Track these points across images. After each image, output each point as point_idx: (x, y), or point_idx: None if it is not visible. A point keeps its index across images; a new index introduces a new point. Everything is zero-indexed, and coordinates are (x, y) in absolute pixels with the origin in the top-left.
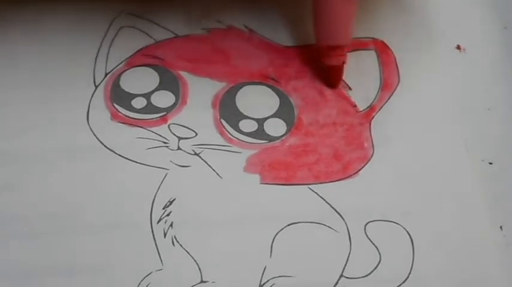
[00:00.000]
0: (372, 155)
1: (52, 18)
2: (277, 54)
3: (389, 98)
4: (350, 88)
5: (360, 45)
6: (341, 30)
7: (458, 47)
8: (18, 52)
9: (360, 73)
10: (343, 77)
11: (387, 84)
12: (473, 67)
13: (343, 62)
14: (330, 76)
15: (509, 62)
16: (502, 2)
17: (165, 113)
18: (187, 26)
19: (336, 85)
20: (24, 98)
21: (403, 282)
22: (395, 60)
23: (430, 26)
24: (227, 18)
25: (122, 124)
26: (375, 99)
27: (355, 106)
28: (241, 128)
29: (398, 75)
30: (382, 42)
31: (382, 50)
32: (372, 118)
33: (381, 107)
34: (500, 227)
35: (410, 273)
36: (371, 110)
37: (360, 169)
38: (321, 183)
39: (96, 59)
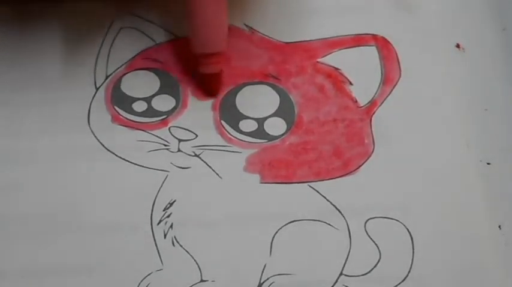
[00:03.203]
0: (373, 151)
1: (52, 17)
2: (277, 51)
3: (390, 93)
4: (351, 83)
5: (360, 41)
6: (215, 37)
7: (457, 46)
8: (18, 53)
9: (360, 68)
10: (345, 74)
11: (388, 78)
12: (472, 67)
13: (221, 70)
14: (208, 85)
15: (507, 64)
16: (502, 3)
17: (165, 116)
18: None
19: (215, 94)
20: (25, 99)
21: (403, 280)
22: (397, 55)
23: (430, 24)
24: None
25: (122, 127)
26: (376, 93)
27: (356, 101)
28: (241, 128)
29: (400, 69)
30: (383, 37)
31: (383, 45)
32: (373, 114)
33: (382, 102)
34: (499, 227)
35: (410, 271)
36: (372, 105)
37: (361, 166)
38: (321, 180)
39: (96, 60)
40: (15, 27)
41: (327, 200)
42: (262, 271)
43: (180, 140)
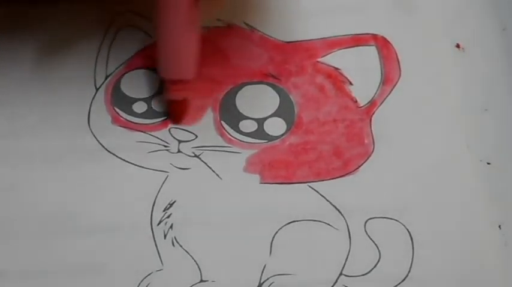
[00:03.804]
0: (373, 152)
1: (51, 17)
2: (277, 50)
3: (390, 93)
4: (351, 83)
5: (360, 41)
6: (182, 64)
7: (457, 46)
8: (17, 53)
9: (360, 68)
10: (346, 74)
11: (388, 78)
12: (472, 67)
13: (185, 98)
14: (172, 111)
15: (507, 64)
16: (502, 3)
17: (165, 117)
18: None
19: (178, 122)
20: (25, 99)
21: (403, 280)
22: (397, 55)
23: (430, 24)
24: (227, 15)
25: (122, 128)
26: (375, 93)
27: (355, 101)
28: (241, 129)
29: (400, 69)
30: (383, 37)
31: (383, 45)
32: (373, 114)
33: (382, 102)
34: (499, 226)
35: (410, 271)
36: (372, 105)
37: (360, 166)
38: (321, 180)
39: (96, 59)
40: (15, 28)
41: (327, 200)
42: (262, 271)
43: (180, 141)
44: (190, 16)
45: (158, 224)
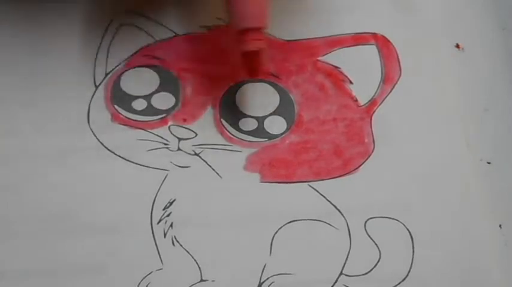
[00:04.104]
0: (373, 151)
1: (51, 15)
2: (278, 49)
3: (390, 92)
4: (351, 82)
5: (360, 39)
6: (256, 11)
7: (457, 46)
8: (17, 51)
9: (360, 67)
10: (346, 73)
11: (388, 77)
12: (472, 67)
13: (261, 48)
14: (248, 64)
15: (507, 64)
16: (502, 3)
17: (165, 115)
18: (186, 23)
19: (255, 74)
20: (24, 98)
21: (403, 280)
22: (397, 54)
23: (430, 24)
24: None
25: (122, 126)
26: (376, 93)
27: (356, 100)
28: (241, 127)
29: (400, 69)
30: (383, 36)
31: (383, 44)
32: (373, 113)
33: (382, 101)
34: (500, 226)
35: (410, 271)
36: (372, 104)
37: (361, 165)
38: (321, 180)
39: (96, 58)
40: (14, 27)
41: (327, 200)
42: (262, 271)
43: (180, 139)
44: None
45: (158, 222)
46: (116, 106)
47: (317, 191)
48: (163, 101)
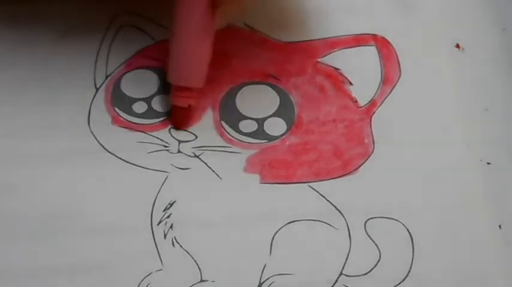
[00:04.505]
0: (373, 151)
1: (51, 17)
2: (278, 51)
3: (390, 93)
4: (351, 83)
5: (360, 41)
6: (191, 71)
7: (457, 46)
8: (17, 53)
9: (360, 68)
10: (346, 74)
11: (388, 78)
12: (472, 67)
13: (190, 105)
14: (176, 116)
15: (507, 64)
16: (502, 3)
17: (165, 117)
18: None
19: (181, 127)
20: (25, 99)
21: (403, 280)
22: (397, 55)
23: (430, 24)
24: None
25: (123, 128)
26: (375, 93)
27: (355, 101)
28: (241, 129)
29: (400, 69)
30: (383, 37)
31: (383, 45)
32: (373, 114)
33: (382, 102)
34: (499, 226)
35: (410, 271)
36: (372, 105)
37: (360, 166)
38: (321, 180)
39: (96, 59)
40: (14, 27)
41: (327, 200)
42: (262, 271)
43: (180, 141)
44: (206, 25)
45: (158, 224)
46: (116, 109)
47: (317, 192)
48: (164, 103)
